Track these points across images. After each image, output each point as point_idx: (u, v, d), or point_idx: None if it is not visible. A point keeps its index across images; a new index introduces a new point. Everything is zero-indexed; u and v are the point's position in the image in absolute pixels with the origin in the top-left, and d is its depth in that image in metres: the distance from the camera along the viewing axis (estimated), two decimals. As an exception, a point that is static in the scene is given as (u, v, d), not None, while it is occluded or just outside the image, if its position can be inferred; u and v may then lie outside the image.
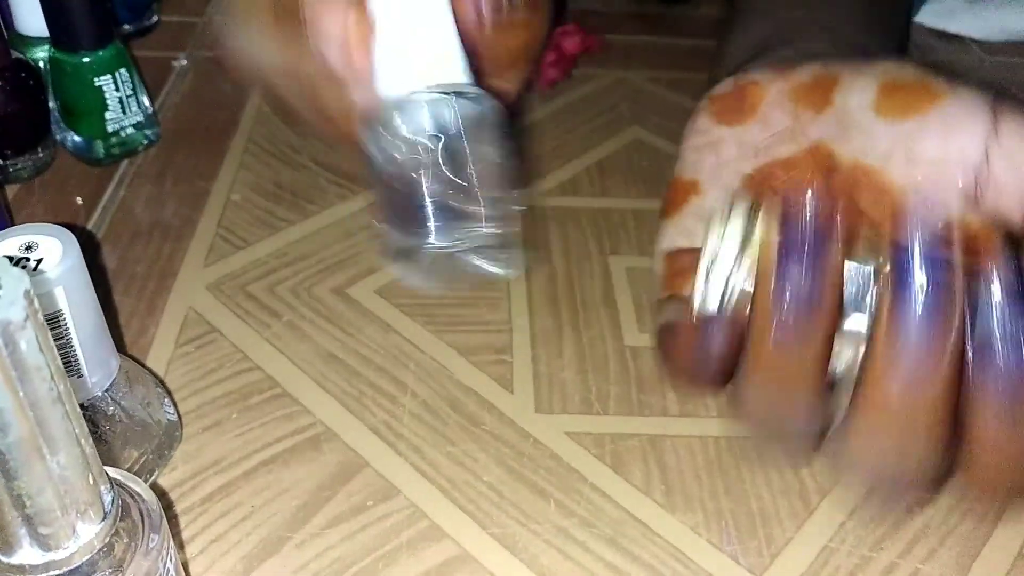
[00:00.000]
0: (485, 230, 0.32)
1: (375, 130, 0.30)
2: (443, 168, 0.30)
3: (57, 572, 0.18)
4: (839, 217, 0.25)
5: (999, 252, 0.27)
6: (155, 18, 0.56)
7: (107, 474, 0.20)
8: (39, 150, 0.42)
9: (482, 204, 0.31)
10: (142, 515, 0.21)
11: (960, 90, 0.28)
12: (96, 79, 0.41)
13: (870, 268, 0.25)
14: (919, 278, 0.23)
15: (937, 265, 0.24)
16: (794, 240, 0.24)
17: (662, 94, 0.52)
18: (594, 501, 0.30)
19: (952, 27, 0.61)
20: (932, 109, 0.28)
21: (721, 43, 0.43)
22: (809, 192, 0.25)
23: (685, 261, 0.31)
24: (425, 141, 0.30)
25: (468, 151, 0.30)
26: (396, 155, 0.29)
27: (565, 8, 0.58)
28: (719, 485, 0.31)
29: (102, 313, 0.26)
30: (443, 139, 0.30)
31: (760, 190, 0.31)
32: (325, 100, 0.34)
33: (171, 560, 0.22)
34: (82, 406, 0.25)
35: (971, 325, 0.24)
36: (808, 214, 0.25)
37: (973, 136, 0.27)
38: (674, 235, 0.32)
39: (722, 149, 0.33)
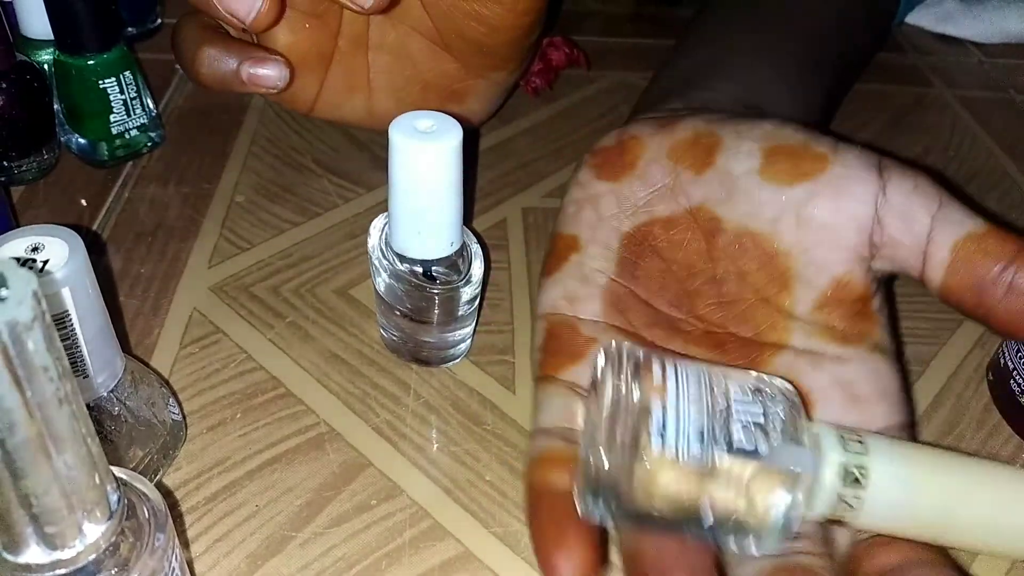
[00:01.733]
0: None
1: None
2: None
3: (63, 571, 0.19)
4: None
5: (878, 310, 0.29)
6: (159, 20, 0.56)
7: (113, 474, 0.20)
8: (44, 152, 0.43)
9: None
10: (148, 514, 0.21)
11: (845, 153, 0.29)
12: (100, 81, 0.41)
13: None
14: None
15: None
16: None
17: (664, 95, 0.52)
18: (596, 501, 0.30)
19: (951, 30, 0.62)
20: (820, 174, 0.28)
21: (654, 75, 0.42)
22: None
23: (565, 339, 0.30)
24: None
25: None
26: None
27: (557, 17, 0.59)
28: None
29: (107, 314, 0.26)
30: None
31: (639, 249, 0.31)
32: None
33: (176, 559, 0.22)
34: (88, 406, 0.25)
35: None
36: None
37: (864, 198, 0.28)
38: (555, 297, 0.31)
39: (601, 205, 0.32)
